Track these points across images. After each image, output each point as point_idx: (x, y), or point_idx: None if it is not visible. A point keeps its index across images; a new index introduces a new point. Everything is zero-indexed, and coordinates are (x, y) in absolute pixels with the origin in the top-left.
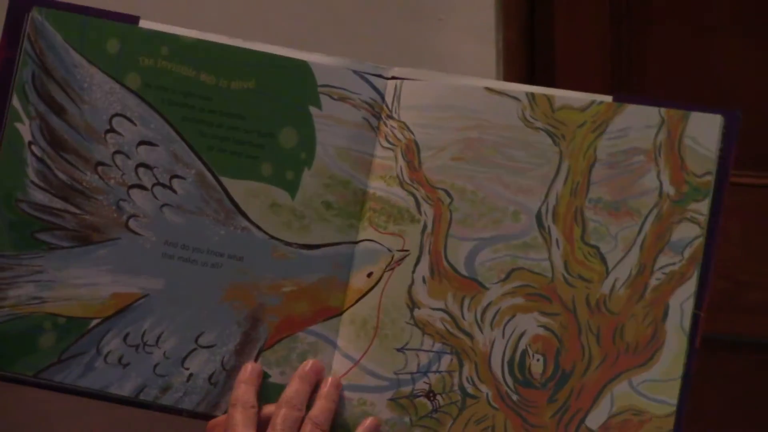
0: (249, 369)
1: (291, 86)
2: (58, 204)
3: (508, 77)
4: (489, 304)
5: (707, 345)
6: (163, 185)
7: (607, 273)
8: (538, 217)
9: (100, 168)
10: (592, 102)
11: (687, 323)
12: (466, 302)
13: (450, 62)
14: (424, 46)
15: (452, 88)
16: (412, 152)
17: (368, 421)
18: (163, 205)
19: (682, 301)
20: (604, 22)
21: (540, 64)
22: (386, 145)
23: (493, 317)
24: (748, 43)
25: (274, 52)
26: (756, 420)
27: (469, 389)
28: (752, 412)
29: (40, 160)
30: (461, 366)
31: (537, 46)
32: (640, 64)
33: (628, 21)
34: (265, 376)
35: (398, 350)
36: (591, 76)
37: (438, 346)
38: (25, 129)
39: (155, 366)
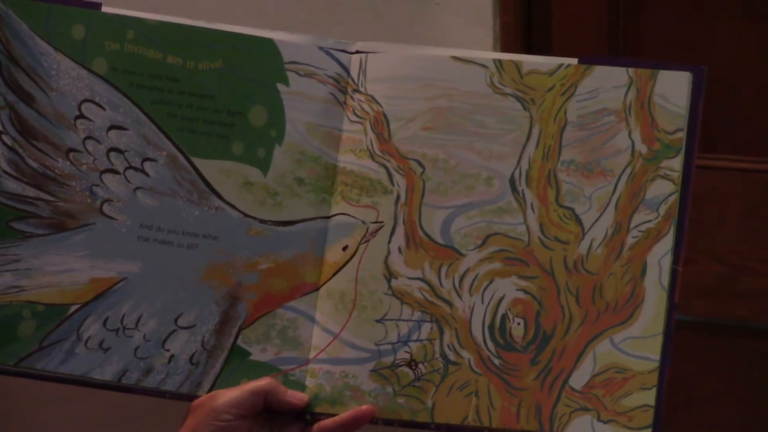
0: None
1: (258, 64)
2: (31, 192)
3: None
4: (467, 271)
5: (704, 329)
6: (135, 169)
7: (584, 234)
8: (512, 182)
9: (71, 154)
10: (560, 65)
11: (666, 279)
12: (444, 270)
13: (447, 46)
14: (422, 30)
15: (418, 59)
16: (381, 124)
17: (364, 407)
18: (136, 189)
19: (660, 258)
20: (601, 5)
21: (536, 48)
22: (354, 118)
23: (472, 283)
24: (747, 24)
25: (239, 32)
26: (752, 404)
27: (451, 356)
28: (748, 396)
29: (11, 149)
30: (442, 333)
31: (533, 29)
32: (636, 46)
33: (625, 5)
34: (245, 354)
35: (377, 321)
36: None
37: (417, 315)
38: None
39: (136, 349)
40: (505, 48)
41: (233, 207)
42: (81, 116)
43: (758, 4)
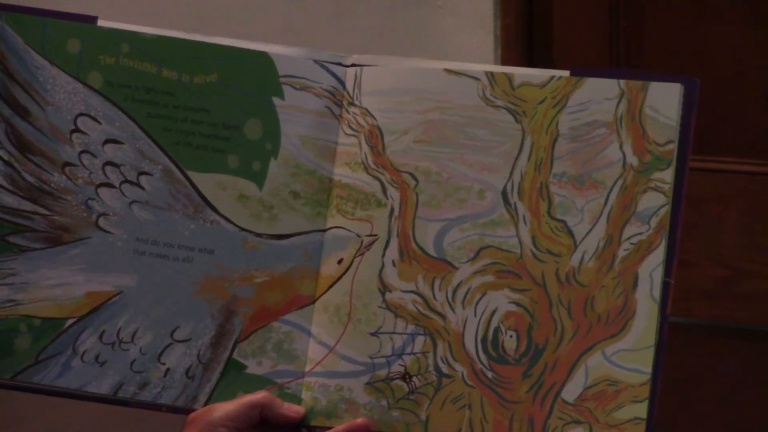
0: None
1: (253, 78)
2: (27, 206)
3: (506, 64)
4: (459, 284)
5: (704, 332)
6: (131, 182)
7: (576, 246)
8: (504, 195)
9: (67, 168)
10: (552, 78)
11: (657, 292)
12: (437, 283)
13: (448, 49)
14: (423, 33)
15: (412, 72)
16: (375, 137)
17: (359, 421)
18: (131, 202)
19: (652, 270)
20: (602, 8)
21: (538, 51)
22: (349, 131)
23: (465, 296)
24: (748, 28)
25: (233, 45)
26: (752, 406)
27: (444, 369)
28: (749, 399)
29: (7, 163)
30: (435, 346)
31: (535, 33)
32: (638, 50)
33: (626, 7)
34: (241, 367)
35: (372, 334)
36: (589, 63)
37: (411, 328)
38: None
39: (132, 362)
40: (506, 51)
41: (229, 221)
42: (76, 130)
43: (760, 7)
